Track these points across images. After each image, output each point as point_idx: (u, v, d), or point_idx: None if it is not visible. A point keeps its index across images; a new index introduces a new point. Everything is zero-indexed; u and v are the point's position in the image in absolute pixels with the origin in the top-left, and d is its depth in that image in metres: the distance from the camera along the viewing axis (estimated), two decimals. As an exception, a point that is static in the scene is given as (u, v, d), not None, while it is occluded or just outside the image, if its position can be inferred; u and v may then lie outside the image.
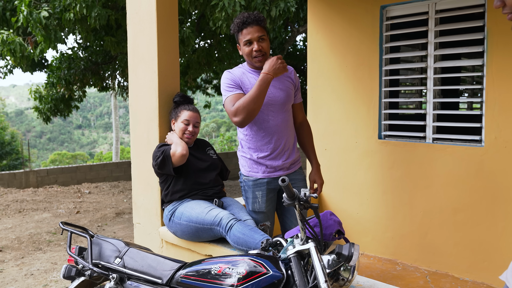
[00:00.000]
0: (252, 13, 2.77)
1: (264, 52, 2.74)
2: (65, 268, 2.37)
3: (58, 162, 27.97)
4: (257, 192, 2.85)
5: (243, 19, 2.72)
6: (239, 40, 2.77)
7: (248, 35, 2.71)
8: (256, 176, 2.83)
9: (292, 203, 1.85)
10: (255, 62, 2.74)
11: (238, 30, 2.76)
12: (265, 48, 2.75)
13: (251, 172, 2.85)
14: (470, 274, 3.44)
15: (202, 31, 9.61)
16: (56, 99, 10.14)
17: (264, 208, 2.84)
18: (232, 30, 2.83)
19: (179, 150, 2.87)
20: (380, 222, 3.94)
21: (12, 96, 70.90)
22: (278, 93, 2.78)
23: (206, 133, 41.96)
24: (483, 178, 3.37)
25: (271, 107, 2.76)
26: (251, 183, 2.84)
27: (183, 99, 3.15)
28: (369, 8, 3.93)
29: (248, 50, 2.73)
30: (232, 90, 2.72)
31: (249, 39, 2.71)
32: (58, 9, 6.62)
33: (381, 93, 3.92)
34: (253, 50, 2.71)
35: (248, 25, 2.71)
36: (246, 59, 2.82)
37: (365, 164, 4.02)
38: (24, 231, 6.77)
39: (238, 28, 2.75)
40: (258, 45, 2.71)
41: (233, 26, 2.80)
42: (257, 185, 2.84)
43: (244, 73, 2.80)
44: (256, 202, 2.86)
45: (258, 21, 2.73)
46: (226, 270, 1.99)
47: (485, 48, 3.32)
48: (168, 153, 2.88)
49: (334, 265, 1.91)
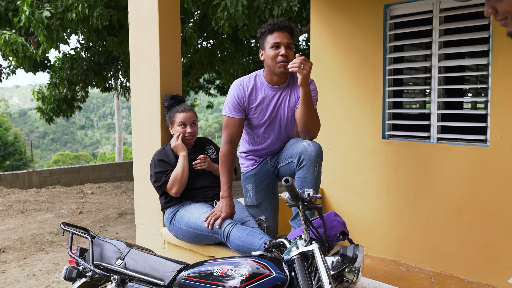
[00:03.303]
0: (286, 21, 2.76)
1: (289, 60, 2.69)
2: (66, 269, 2.35)
3: (61, 163, 28.00)
4: (248, 185, 2.94)
5: (277, 22, 2.72)
6: (266, 42, 2.74)
7: (278, 38, 2.69)
8: (246, 170, 2.95)
9: (296, 203, 1.82)
10: (278, 67, 2.69)
11: (268, 32, 2.73)
12: (290, 56, 2.71)
13: (243, 167, 2.97)
14: (475, 276, 3.40)
15: (204, 31, 9.58)
16: (58, 99, 10.14)
17: (255, 201, 2.90)
18: (259, 33, 2.81)
19: (174, 190, 2.88)
20: (384, 222, 3.91)
21: (16, 96, 71.09)
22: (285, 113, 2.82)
23: (209, 134, 41.95)
24: (488, 178, 3.33)
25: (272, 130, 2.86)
26: (243, 177, 2.96)
27: (173, 101, 3.09)
28: (372, 7, 3.90)
29: (274, 54, 2.68)
30: (232, 114, 2.79)
31: (278, 42, 2.68)
32: (60, 9, 6.61)
33: (385, 93, 3.89)
34: (279, 54, 2.67)
35: (281, 29, 2.70)
36: (268, 65, 2.76)
37: (369, 164, 3.99)
38: (26, 232, 6.76)
39: (269, 29, 2.72)
40: (286, 50, 2.68)
41: (263, 28, 2.77)
42: (246, 178, 2.94)
43: (260, 86, 2.78)
44: (247, 196, 2.94)
45: (290, 29, 2.73)
46: (228, 271, 1.97)
47: (490, 47, 3.28)
48: (164, 184, 2.89)
49: (339, 267, 1.89)
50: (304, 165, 2.62)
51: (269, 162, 2.93)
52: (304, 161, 2.62)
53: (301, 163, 2.64)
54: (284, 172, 2.83)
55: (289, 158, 2.75)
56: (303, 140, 2.73)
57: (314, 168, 2.62)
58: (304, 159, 2.62)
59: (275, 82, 2.77)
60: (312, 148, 2.64)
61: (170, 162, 2.92)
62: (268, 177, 2.92)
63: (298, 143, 2.73)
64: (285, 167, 2.81)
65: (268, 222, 2.90)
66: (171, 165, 2.91)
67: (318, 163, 2.66)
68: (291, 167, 2.74)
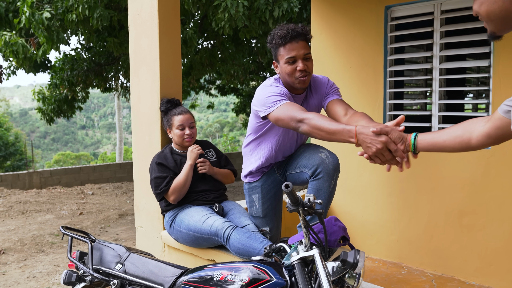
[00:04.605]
0: (298, 26, 2.38)
1: (309, 72, 2.39)
2: (65, 273, 2.34)
3: (62, 163, 28.02)
4: (253, 195, 2.77)
5: (287, 31, 2.34)
6: (279, 56, 2.39)
7: (293, 51, 2.34)
8: (251, 180, 2.78)
9: (296, 209, 1.81)
10: (297, 83, 2.39)
11: (279, 45, 2.37)
12: (310, 68, 2.40)
13: (248, 178, 2.80)
14: (476, 278, 3.39)
15: (205, 31, 9.58)
16: (59, 100, 10.15)
17: (261, 212, 2.76)
18: (269, 43, 2.44)
19: (172, 198, 2.87)
20: (385, 225, 3.90)
21: (17, 96, 71.14)
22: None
23: (210, 133, 41.95)
24: (489, 181, 3.32)
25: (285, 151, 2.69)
26: (247, 186, 2.80)
27: (169, 104, 3.07)
28: (373, 9, 3.89)
29: (290, 69, 2.36)
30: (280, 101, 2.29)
31: (293, 56, 2.34)
32: (60, 10, 6.60)
33: (386, 95, 3.88)
34: (296, 70, 2.35)
35: (293, 39, 2.33)
36: (285, 79, 2.43)
37: (370, 166, 3.97)
38: (27, 233, 6.75)
39: (280, 42, 2.36)
40: (303, 64, 2.35)
41: (272, 39, 2.40)
42: (252, 188, 2.78)
43: (285, 91, 2.45)
44: (253, 206, 2.80)
45: (305, 35, 2.37)
46: (228, 277, 1.95)
47: (491, 49, 3.27)
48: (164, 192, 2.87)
49: (339, 272, 1.88)
50: (321, 178, 2.44)
51: (276, 171, 2.74)
52: (321, 173, 2.43)
53: (317, 175, 2.45)
54: (293, 180, 2.64)
55: (302, 167, 2.53)
56: (319, 150, 2.52)
57: (330, 181, 2.45)
58: (321, 172, 2.43)
59: (295, 91, 2.50)
60: (331, 161, 2.45)
61: (169, 166, 2.90)
62: (275, 186, 2.73)
63: (314, 153, 2.51)
64: (296, 175, 2.60)
65: (272, 233, 2.79)
66: (170, 168, 2.90)
67: (336, 176, 2.49)
68: (303, 177, 2.55)
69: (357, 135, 1.96)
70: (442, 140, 1.84)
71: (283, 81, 2.48)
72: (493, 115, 1.66)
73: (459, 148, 1.81)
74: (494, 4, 1.31)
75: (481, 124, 1.72)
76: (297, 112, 2.17)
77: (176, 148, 3.03)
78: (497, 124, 1.63)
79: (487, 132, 1.68)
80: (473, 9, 1.40)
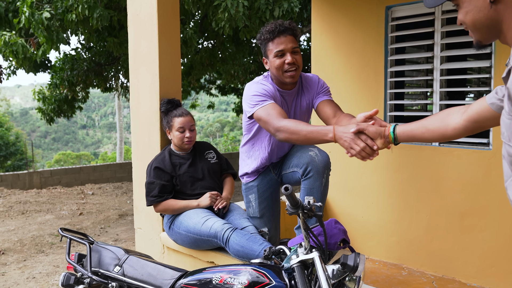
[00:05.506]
0: (285, 21, 2.46)
1: (298, 66, 2.44)
2: (63, 276, 2.33)
3: (62, 162, 28.03)
4: (250, 195, 2.78)
5: (275, 26, 2.41)
6: (268, 51, 2.45)
7: (281, 45, 2.40)
8: (248, 180, 2.79)
9: (296, 211, 1.79)
10: (286, 77, 2.43)
11: (268, 40, 2.44)
12: (299, 61, 2.45)
13: (245, 178, 2.81)
14: (477, 280, 3.37)
15: (205, 31, 9.57)
16: (59, 100, 10.14)
17: (258, 212, 2.76)
18: (259, 40, 2.51)
19: (158, 211, 2.91)
20: (386, 226, 3.88)
21: (17, 96, 71.18)
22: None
23: (210, 133, 41.94)
24: (491, 182, 3.30)
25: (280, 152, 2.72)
26: (244, 186, 2.81)
27: (170, 105, 3.05)
28: (374, 9, 3.87)
29: (279, 63, 2.41)
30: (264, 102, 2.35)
31: (281, 50, 2.40)
32: (60, 10, 6.59)
33: (387, 95, 3.86)
34: (285, 63, 2.40)
35: (281, 34, 2.40)
36: (274, 74, 2.49)
37: (370, 167, 3.96)
38: (26, 233, 6.75)
39: (268, 37, 2.43)
40: (292, 57, 2.41)
41: (261, 35, 2.48)
42: (248, 188, 2.78)
43: (274, 89, 2.49)
44: (250, 206, 2.80)
45: (292, 30, 2.43)
46: (228, 280, 1.94)
47: (493, 50, 3.25)
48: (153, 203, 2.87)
49: (339, 276, 1.86)
50: (311, 176, 2.47)
51: (272, 171, 2.77)
52: (312, 172, 2.46)
53: (307, 174, 2.48)
54: (287, 180, 2.68)
55: (294, 166, 2.57)
56: (309, 148, 2.55)
57: (321, 179, 2.48)
58: (311, 170, 2.47)
59: (285, 87, 2.54)
60: (320, 158, 2.47)
61: (166, 170, 2.88)
62: (271, 186, 2.75)
63: (304, 151, 2.54)
64: (289, 175, 2.64)
65: (271, 233, 2.78)
66: (167, 172, 2.87)
67: (326, 173, 2.50)
68: (296, 176, 2.59)
69: (336, 139, 2.14)
70: (420, 132, 1.98)
71: (272, 77, 2.53)
72: (470, 107, 1.73)
73: (437, 139, 1.95)
74: (479, 13, 1.30)
75: (458, 116, 1.80)
76: (276, 120, 2.23)
77: (175, 150, 3.01)
78: (474, 117, 1.71)
79: (464, 125, 1.77)
80: (458, 18, 1.39)
